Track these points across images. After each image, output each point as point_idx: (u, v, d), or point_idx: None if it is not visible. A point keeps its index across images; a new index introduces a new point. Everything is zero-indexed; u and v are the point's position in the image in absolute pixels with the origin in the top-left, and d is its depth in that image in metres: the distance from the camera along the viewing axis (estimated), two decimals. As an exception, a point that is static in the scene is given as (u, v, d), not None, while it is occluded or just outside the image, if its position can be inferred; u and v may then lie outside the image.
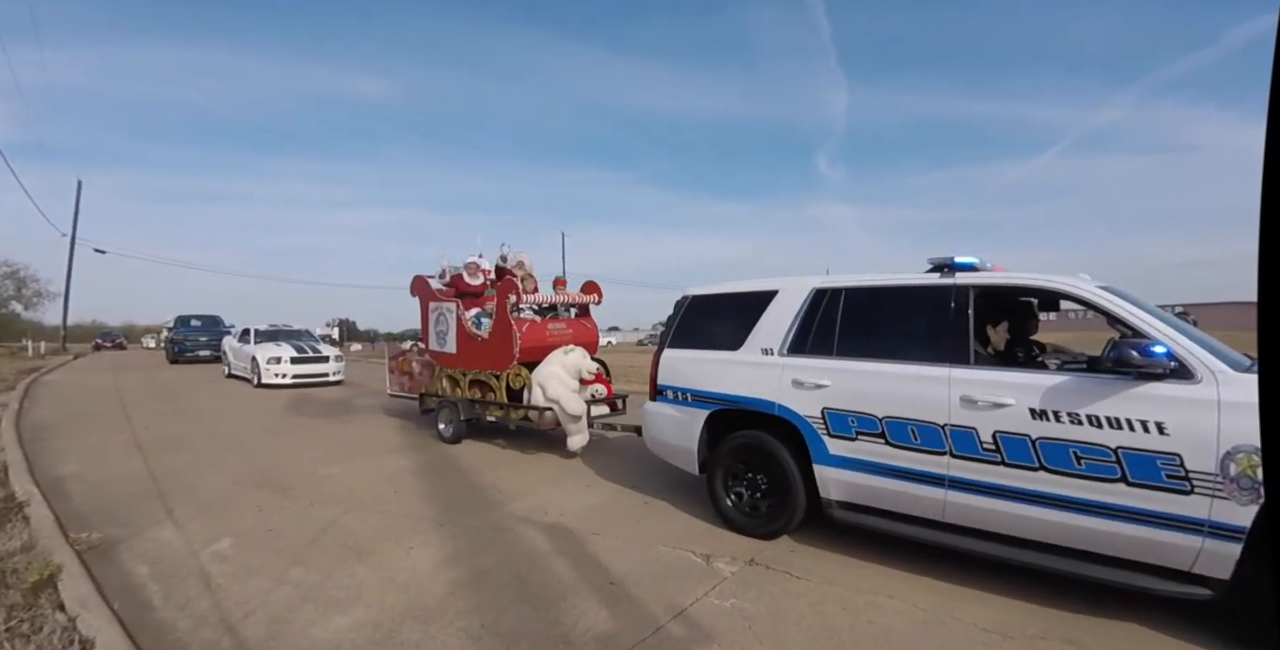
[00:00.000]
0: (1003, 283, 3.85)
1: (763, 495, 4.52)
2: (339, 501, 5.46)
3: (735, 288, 5.03)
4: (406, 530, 4.70)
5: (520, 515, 5.06)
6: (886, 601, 3.49)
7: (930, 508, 3.73)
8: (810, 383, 4.19)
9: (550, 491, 5.81)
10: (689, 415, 4.93)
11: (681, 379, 5.04)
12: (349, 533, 4.66)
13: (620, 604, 3.47)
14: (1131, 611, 3.30)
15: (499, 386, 7.62)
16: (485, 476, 6.38)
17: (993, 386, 3.53)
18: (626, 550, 4.29)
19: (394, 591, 3.64)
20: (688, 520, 4.93)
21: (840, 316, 4.28)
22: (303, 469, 6.70)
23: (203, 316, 26.57)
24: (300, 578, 3.84)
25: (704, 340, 5.02)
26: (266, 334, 17.64)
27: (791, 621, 3.27)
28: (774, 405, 4.36)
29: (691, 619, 3.29)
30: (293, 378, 15.63)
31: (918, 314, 3.98)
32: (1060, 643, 3.03)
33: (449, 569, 3.97)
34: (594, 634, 3.13)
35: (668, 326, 5.38)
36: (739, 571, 3.92)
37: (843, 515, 4.07)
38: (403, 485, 6.04)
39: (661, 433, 5.24)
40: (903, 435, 3.78)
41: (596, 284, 8.60)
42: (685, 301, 5.30)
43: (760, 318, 4.66)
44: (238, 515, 5.09)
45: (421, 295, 8.91)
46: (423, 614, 3.36)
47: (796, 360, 4.35)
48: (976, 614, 3.33)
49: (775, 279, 4.82)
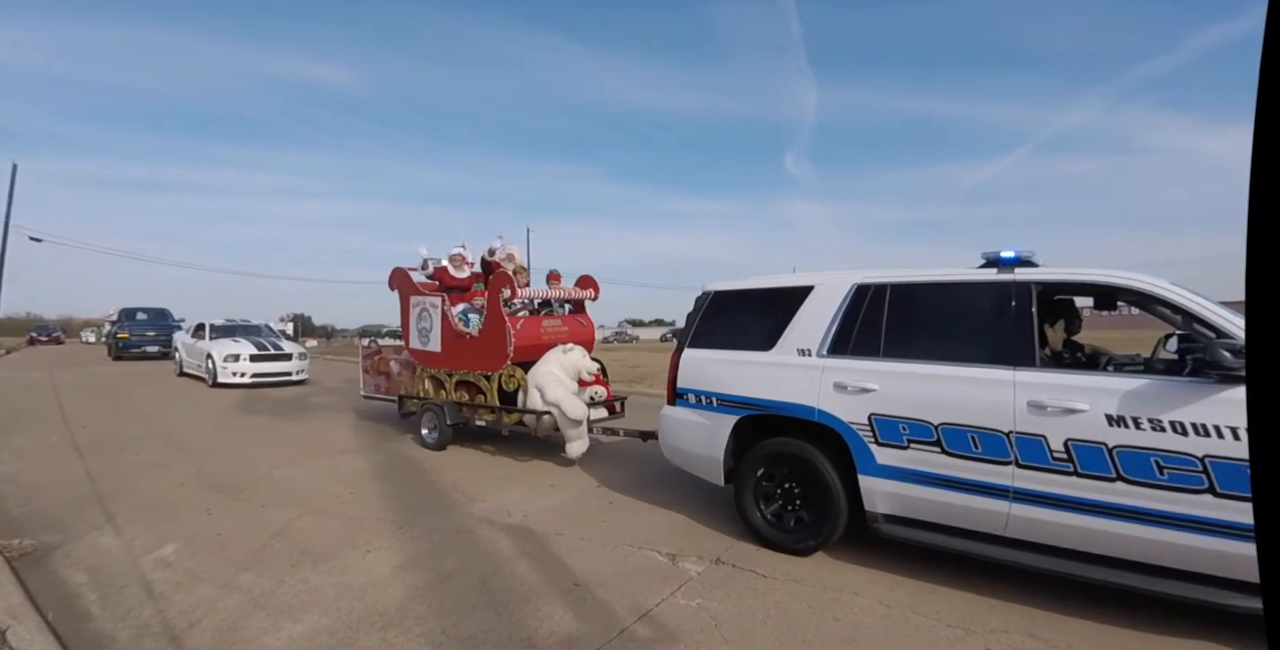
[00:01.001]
0: (1067, 279, 3.62)
1: (798, 508, 4.21)
2: (293, 504, 5.31)
3: (763, 283, 4.71)
4: (364, 533, 4.60)
5: (482, 516, 4.99)
6: (852, 599, 3.52)
7: (991, 521, 3.47)
8: (855, 386, 3.88)
9: (513, 492, 5.74)
10: (714, 421, 4.56)
11: (705, 382, 4.67)
12: (303, 536, 4.53)
13: (585, 606, 3.43)
14: (1088, 607, 3.38)
15: (490, 388, 7.12)
16: (446, 477, 6.28)
17: (1064, 391, 3.29)
18: (591, 551, 4.25)
19: (350, 597, 3.55)
20: (653, 520, 4.92)
21: (886, 315, 3.98)
22: (254, 470, 6.51)
23: (150, 309, 25.38)
24: (251, 584, 3.72)
25: (729, 340, 4.67)
26: (223, 329, 16.70)
27: (758, 621, 3.27)
28: (814, 411, 4.03)
29: (657, 620, 3.28)
30: (252, 377, 14.74)
31: (975, 312, 3.74)
32: (1021, 636, 3.09)
33: (408, 573, 3.88)
34: (558, 637, 3.10)
35: (687, 325, 5.01)
36: (705, 571, 3.91)
37: (890, 530, 3.77)
38: (360, 487, 5.91)
39: (682, 440, 4.85)
40: (962, 443, 3.51)
41: (593, 279, 8.11)
42: (706, 298, 4.93)
43: (794, 316, 4.33)
44: (184, 519, 4.92)
45: (401, 289, 8.35)
46: (381, 620, 3.28)
47: (838, 362, 4.03)
48: (940, 609, 3.38)
49: (809, 274, 4.53)
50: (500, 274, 7.09)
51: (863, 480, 3.84)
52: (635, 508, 5.26)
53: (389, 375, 9.05)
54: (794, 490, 4.22)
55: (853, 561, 4.05)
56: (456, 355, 7.54)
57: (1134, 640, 3.07)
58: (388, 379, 9.07)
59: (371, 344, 10.20)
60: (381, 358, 9.20)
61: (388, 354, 9.14)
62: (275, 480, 6.14)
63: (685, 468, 4.97)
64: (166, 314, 25.57)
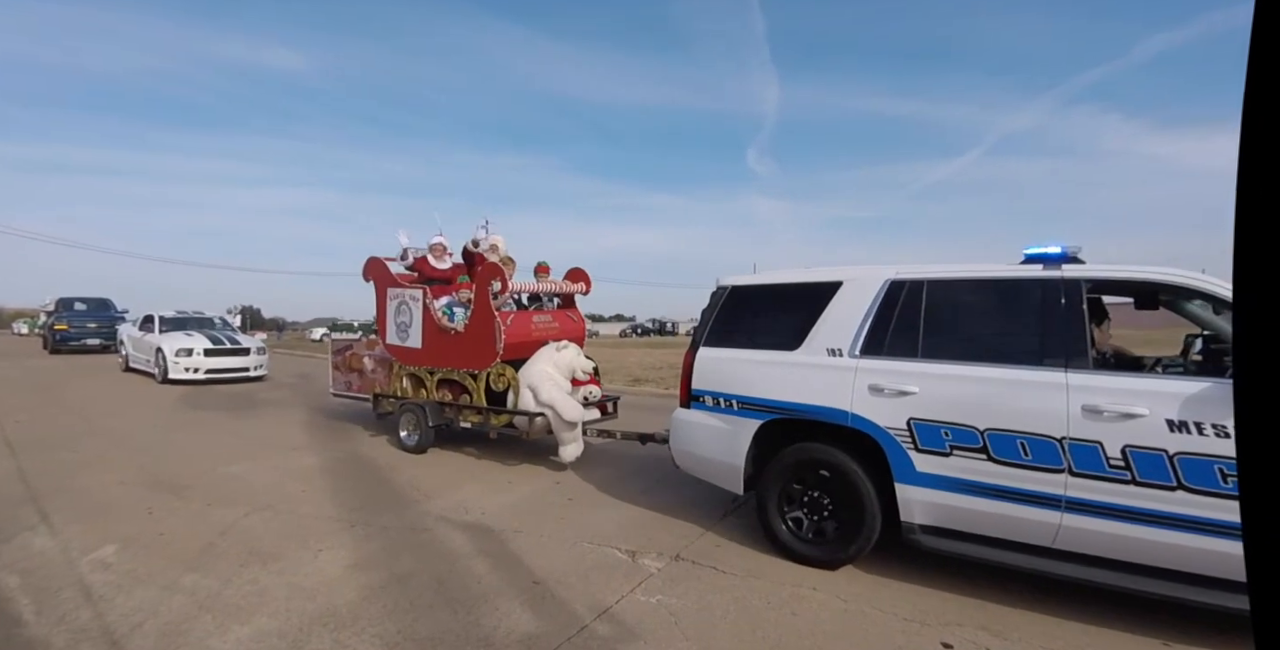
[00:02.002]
0: (1118, 276, 3.48)
1: (827, 518, 3.99)
2: (240, 502, 5.18)
3: (786, 278, 4.49)
4: (315, 532, 4.51)
5: (438, 514, 4.94)
6: (810, 594, 3.58)
7: (1040, 532, 3.32)
8: (892, 389, 3.68)
9: (470, 488, 5.69)
10: (734, 425, 4.32)
11: (724, 383, 4.42)
12: (251, 535, 4.43)
13: (544, 604, 3.42)
14: (1039, 601, 3.49)
15: (477, 388, 6.71)
16: (401, 474, 6.19)
17: (1121, 394, 3.14)
18: (550, 548, 4.24)
19: (301, 598, 3.48)
20: (613, 516, 4.92)
21: (924, 313, 3.79)
22: (199, 468, 6.34)
23: (89, 299, 24.12)
24: (195, 585, 3.62)
25: (749, 338, 4.44)
26: (174, 321, 15.74)
27: (718, 616, 3.30)
28: (847, 415, 3.81)
29: (617, 617, 3.29)
30: (206, 372, 13.94)
31: (1021, 311, 3.58)
32: (975, 629, 3.18)
33: (362, 572, 3.82)
34: (516, 636, 3.08)
35: (702, 322, 4.74)
36: (665, 567, 3.94)
37: (928, 541, 3.59)
38: (311, 484, 5.79)
39: (697, 445, 4.59)
40: (1010, 450, 3.34)
41: (584, 272, 7.75)
42: (723, 293, 4.66)
43: (822, 314, 4.10)
44: (124, 519, 4.76)
45: (378, 280, 7.86)
46: (333, 621, 3.22)
47: (873, 363, 3.82)
48: (897, 604, 3.46)
49: (836, 268, 4.29)
50: (490, 265, 6.71)
51: (900, 489, 3.65)
52: (595, 504, 5.26)
53: (362, 372, 8.57)
54: (822, 500, 4.00)
55: (811, 557, 4.10)
56: (439, 352, 7.13)
57: (1081, 632, 3.17)
58: (361, 376, 8.59)
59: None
60: (354, 354, 8.72)
61: (360, 349, 8.68)
62: (221, 477, 5.98)
63: (699, 475, 4.72)
64: (108, 304, 24.46)
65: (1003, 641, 3.06)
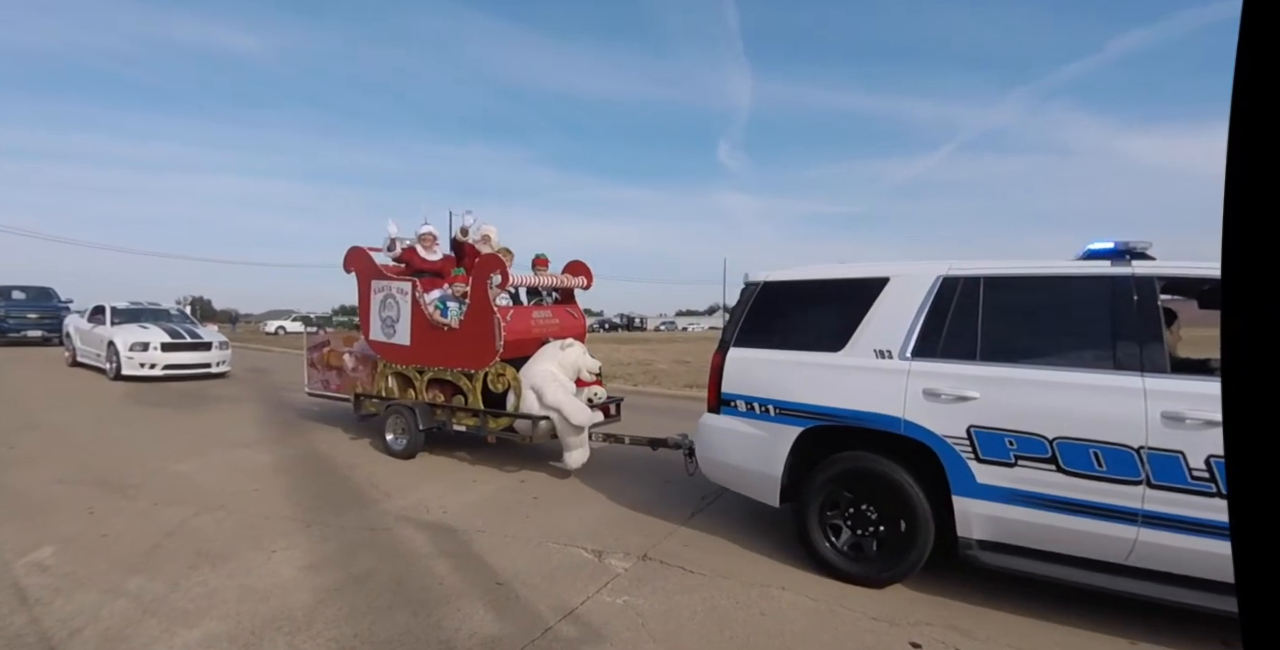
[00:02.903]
0: (1195, 274, 3.31)
1: (873, 533, 3.79)
2: (189, 501, 5.04)
3: (825, 274, 4.25)
4: (269, 532, 4.41)
5: (398, 513, 4.86)
6: (779, 593, 3.59)
7: (1112, 548, 3.16)
8: (950, 394, 3.48)
9: (432, 487, 5.62)
10: (771, 432, 4.07)
11: (759, 387, 4.16)
12: (200, 536, 4.31)
13: (507, 605, 3.39)
14: (1008, 600, 3.55)
15: (473, 388, 6.34)
16: (360, 471, 6.09)
17: (1204, 400, 2.95)
18: (514, 548, 4.20)
19: (253, 600, 3.39)
20: (579, 515, 4.90)
21: (982, 312, 3.58)
22: (145, 466, 6.16)
23: (29, 288, 23.16)
24: (140, 588, 3.51)
25: (785, 338, 4.19)
26: (127, 313, 14.74)
27: (685, 617, 3.30)
28: (899, 422, 3.60)
29: (582, 618, 3.26)
30: (164, 368, 13.03)
31: (1090, 310, 3.40)
32: (944, 628, 3.22)
33: (318, 574, 3.75)
34: (479, 638, 3.05)
35: (731, 320, 4.51)
36: (632, 568, 3.92)
37: (987, 558, 3.40)
38: (264, 482, 5.66)
39: (728, 454, 4.33)
40: (1082, 460, 3.17)
41: (585, 264, 7.38)
42: (755, 289, 4.39)
43: (868, 312, 3.88)
44: (63, 519, 4.60)
45: (361, 272, 7.38)
46: (287, 624, 3.15)
47: (928, 365, 3.61)
48: (865, 603, 3.49)
49: (881, 264, 4.08)
50: (490, 257, 6.36)
51: (957, 502, 3.45)
52: (561, 503, 5.23)
53: (341, 370, 8.00)
54: (868, 513, 3.79)
55: (780, 556, 4.14)
56: (430, 349, 6.72)
57: (1049, 631, 3.24)
58: (340, 374, 8.02)
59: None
60: (332, 350, 8.19)
61: (339, 345, 8.17)
62: (169, 476, 5.82)
63: (729, 486, 4.50)
64: (50, 293, 23.53)
65: (971, 641, 3.11)
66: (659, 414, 9.29)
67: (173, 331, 13.73)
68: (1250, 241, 0.54)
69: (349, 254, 7.54)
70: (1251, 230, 0.54)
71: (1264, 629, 0.58)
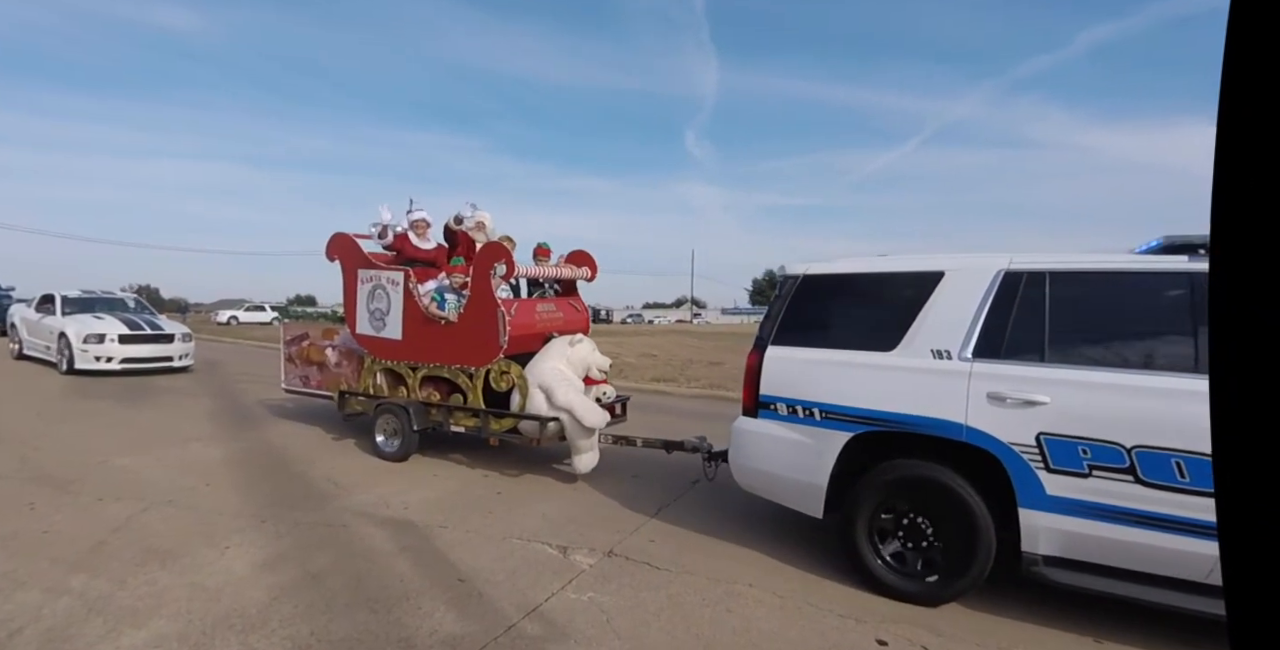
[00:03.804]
0: None
1: (927, 547, 3.60)
2: (136, 497, 4.93)
3: (872, 267, 4.06)
4: (221, 528, 4.33)
5: (357, 509, 4.81)
6: (746, 590, 3.64)
7: (1193, 566, 3.00)
8: (1017, 398, 3.31)
9: (392, 482, 5.57)
10: (816, 438, 3.87)
11: (802, 389, 3.95)
12: (148, 533, 4.22)
13: (469, 603, 3.38)
14: (976, 596, 3.62)
15: (474, 387, 6.02)
16: (316, 466, 6.01)
17: None
18: (477, 544, 4.19)
19: (204, 599, 3.34)
20: (544, 511, 4.89)
21: (1049, 309, 3.41)
22: (89, 460, 6.00)
23: None
24: (85, 587, 3.43)
25: (830, 336, 4.00)
26: (79, 302, 13.89)
27: (651, 614, 3.33)
28: (961, 428, 3.42)
29: (546, 615, 3.27)
30: (122, 362, 12.25)
31: (1168, 309, 3.27)
32: (911, 626, 3.29)
33: (273, 571, 3.70)
34: (440, 636, 3.04)
35: (768, 316, 4.26)
36: (597, 564, 3.94)
37: (1053, 574, 3.26)
38: (216, 477, 5.56)
39: (766, 461, 4.13)
40: (1163, 471, 3.02)
41: (589, 254, 7.03)
42: (795, 283, 4.15)
43: (923, 308, 3.69)
44: (1, 516, 4.47)
45: (345, 260, 6.98)
46: (240, 623, 3.10)
47: (992, 367, 3.43)
48: (833, 600, 3.55)
49: (933, 256, 3.89)
50: (495, 245, 6.05)
51: (1024, 514, 3.29)
52: (525, 498, 5.22)
53: (323, 366, 7.57)
54: (922, 525, 3.61)
55: (747, 552, 4.18)
56: (425, 345, 6.37)
57: (1016, 629, 3.31)
58: (321, 370, 7.59)
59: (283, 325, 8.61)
60: (312, 344, 7.73)
61: (318, 338, 7.75)
62: (115, 470, 5.69)
63: (764, 494, 4.27)
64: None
65: (938, 638, 3.18)
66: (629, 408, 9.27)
67: (131, 322, 12.92)
68: (1239, 240, 0.55)
69: (332, 241, 7.12)
70: (1241, 229, 0.55)
71: (1251, 630, 0.59)
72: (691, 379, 12.61)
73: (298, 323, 8.37)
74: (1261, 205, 0.54)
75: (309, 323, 8.32)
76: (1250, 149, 0.54)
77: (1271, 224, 0.53)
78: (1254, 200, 0.54)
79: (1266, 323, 0.54)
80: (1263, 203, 0.54)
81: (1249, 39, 0.53)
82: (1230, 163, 0.55)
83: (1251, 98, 0.54)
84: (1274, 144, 0.53)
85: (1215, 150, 0.55)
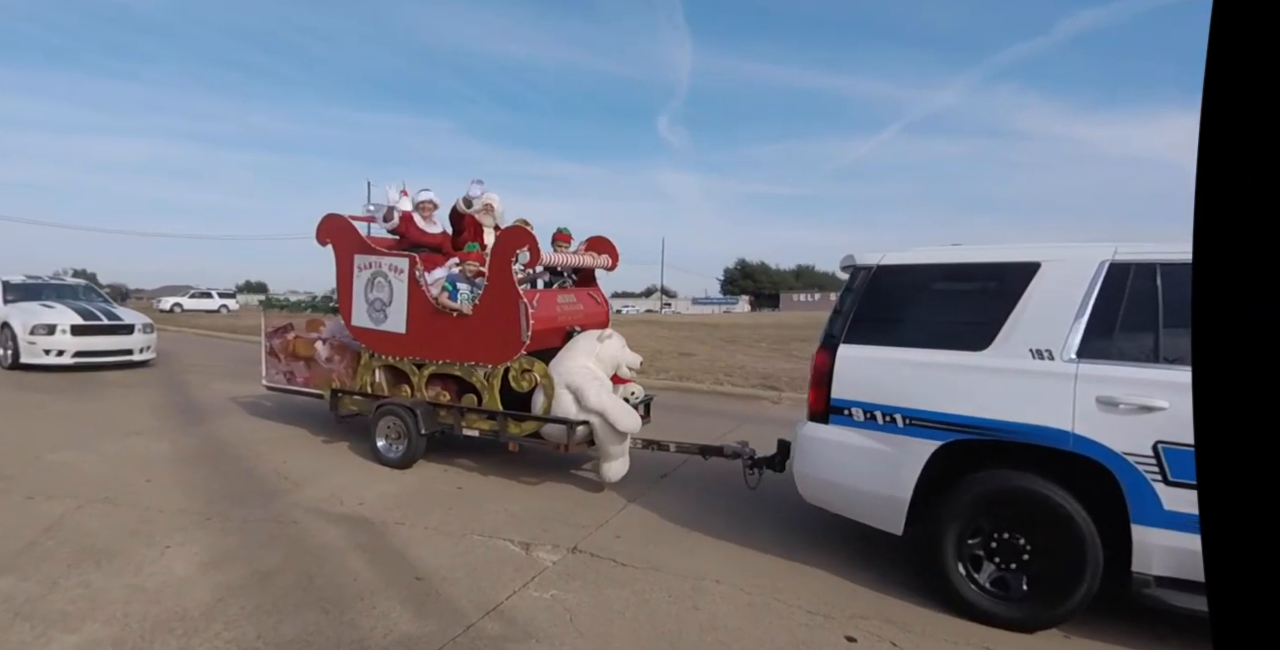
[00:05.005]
0: None
1: (1023, 567, 3.36)
2: (70, 494, 4.77)
3: (954, 257, 3.83)
4: (162, 527, 4.20)
5: (309, 505, 4.71)
6: (713, 586, 3.63)
7: None
8: (1131, 403, 3.09)
9: (346, 476, 5.47)
10: (899, 447, 3.61)
11: (882, 393, 3.70)
12: (83, 532, 4.08)
13: (426, 602, 3.32)
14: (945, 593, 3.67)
15: (489, 386, 5.60)
16: (266, 460, 5.87)
17: None
18: (435, 541, 4.13)
19: (143, 601, 3.23)
20: (506, 507, 4.84)
21: (1162, 305, 3.20)
22: (19, 456, 5.80)
23: None
24: (12, 590, 3.30)
25: (911, 334, 3.74)
26: (23, 289, 12.67)
27: (615, 611, 3.30)
28: (1067, 436, 3.20)
29: (507, 614, 3.23)
30: (75, 356, 11.26)
31: None
32: (879, 622, 3.31)
33: (218, 571, 3.59)
34: (395, 637, 2.98)
35: (837, 312, 3.98)
36: (561, 560, 3.90)
37: (1167, 596, 3.05)
38: (159, 473, 5.40)
39: (839, 472, 3.84)
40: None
41: (609, 241, 6.59)
42: (868, 274, 3.90)
43: (1018, 304, 3.46)
44: (-78, 514, 4.29)
45: (339, 244, 6.49)
46: (181, 626, 3.01)
47: (1100, 369, 3.20)
48: (801, 595, 3.55)
49: (1026, 246, 3.66)
50: (517, 229, 5.63)
51: (1138, 532, 3.08)
52: (487, 494, 5.16)
53: (312, 361, 7.04)
54: (1018, 543, 3.38)
55: (714, 546, 4.18)
56: (433, 339, 5.92)
57: (984, 630, 3.32)
58: (309, 366, 7.08)
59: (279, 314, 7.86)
60: (298, 337, 7.24)
61: (304, 331, 7.29)
62: (48, 467, 5.50)
63: (834, 508, 3.98)
64: None
65: (907, 634, 3.20)
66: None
67: (84, 311, 11.85)
68: (1221, 237, 0.55)
69: (324, 222, 6.61)
70: (1222, 226, 0.55)
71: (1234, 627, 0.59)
72: (660, 370, 12.60)
73: (280, 313, 7.76)
74: (1245, 201, 0.53)
75: (293, 313, 7.76)
76: (1233, 143, 0.54)
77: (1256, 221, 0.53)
78: (1236, 195, 0.54)
79: (1255, 320, 0.54)
80: (1246, 198, 0.53)
81: (1232, 25, 0.53)
82: (1213, 157, 0.55)
83: (1235, 94, 0.53)
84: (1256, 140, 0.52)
85: (1199, 145, 0.55)
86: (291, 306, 7.93)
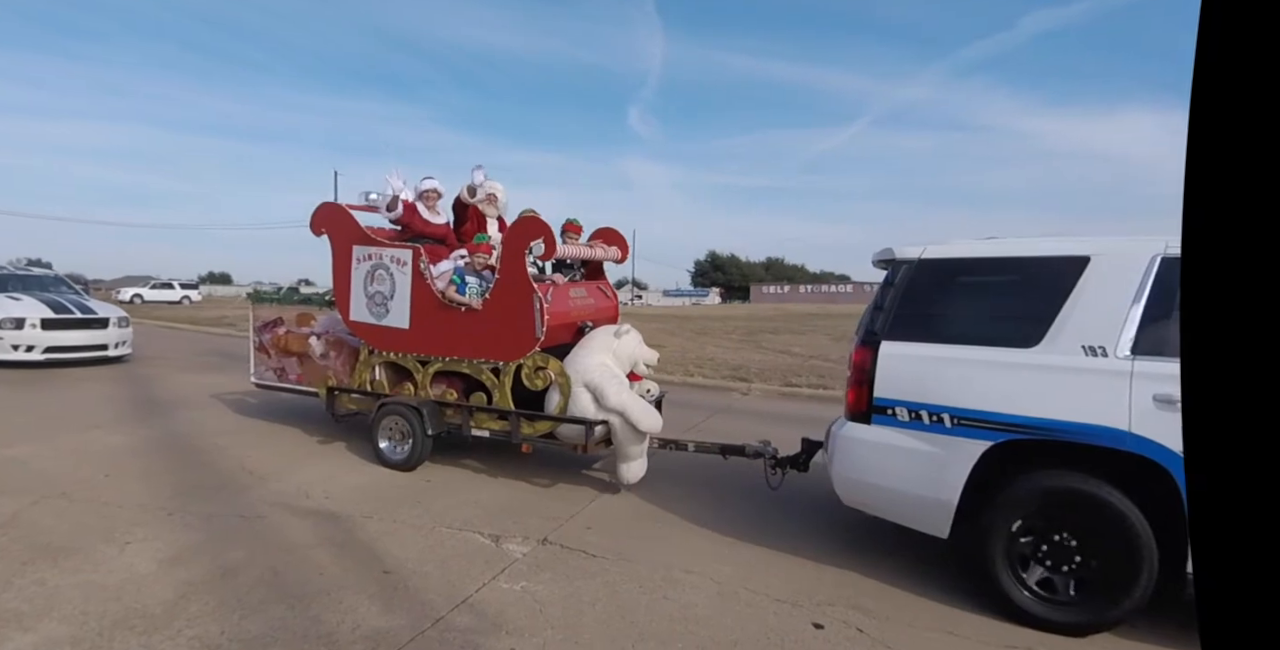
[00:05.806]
0: None
1: (1075, 570, 3.29)
2: (24, 490, 4.67)
3: (999, 251, 3.72)
4: (122, 522, 4.14)
5: (275, 500, 4.66)
6: (683, 576, 3.66)
7: None
8: None
9: (313, 470, 5.42)
10: (946, 448, 3.50)
11: (927, 391, 3.59)
12: (38, 529, 4.00)
13: (395, 595, 3.32)
14: (910, 578, 3.75)
15: (499, 384, 5.39)
16: (229, 454, 5.80)
17: None
18: (404, 535, 4.11)
19: (102, 598, 3.19)
20: (475, 499, 4.84)
21: None
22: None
23: None
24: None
25: (954, 330, 3.64)
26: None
27: (586, 603, 3.32)
28: (1124, 435, 3.12)
29: (477, 607, 3.24)
30: (45, 352, 10.60)
31: None
32: (846, 608, 3.37)
33: (180, 568, 3.55)
34: (363, 631, 2.97)
35: (877, 307, 3.88)
36: (531, 552, 3.91)
37: None
38: (118, 467, 5.31)
39: (882, 474, 3.72)
40: None
41: (618, 232, 6.45)
42: (910, 267, 3.79)
43: (1069, 299, 3.38)
44: None
45: (336, 235, 6.19)
46: (142, 623, 2.97)
47: (1156, 365, 3.10)
48: (770, 583, 3.61)
49: (1073, 239, 3.59)
50: (532, 220, 5.41)
51: None
52: (456, 486, 5.15)
53: (304, 357, 6.71)
54: (1071, 545, 3.30)
55: (685, 537, 4.21)
56: (439, 335, 5.68)
57: (947, 612, 3.42)
58: (303, 362, 6.76)
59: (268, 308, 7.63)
60: (290, 332, 6.94)
61: (296, 325, 7.04)
62: (1, 461, 5.38)
63: (876, 511, 3.86)
64: None
65: (873, 619, 3.27)
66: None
67: (55, 304, 11.15)
68: (1209, 235, 0.56)
69: (319, 212, 6.31)
70: (1211, 224, 0.56)
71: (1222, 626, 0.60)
72: (631, 362, 12.63)
73: (269, 306, 7.42)
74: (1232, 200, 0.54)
75: (283, 306, 7.40)
76: (1221, 143, 0.54)
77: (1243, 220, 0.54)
78: (1225, 194, 0.55)
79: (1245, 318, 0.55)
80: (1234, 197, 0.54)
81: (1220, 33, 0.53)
82: (1201, 157, 0.56)
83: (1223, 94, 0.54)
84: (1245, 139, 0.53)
85: (1187, 145, 0.56)
86: (282, 299, 7.64)
